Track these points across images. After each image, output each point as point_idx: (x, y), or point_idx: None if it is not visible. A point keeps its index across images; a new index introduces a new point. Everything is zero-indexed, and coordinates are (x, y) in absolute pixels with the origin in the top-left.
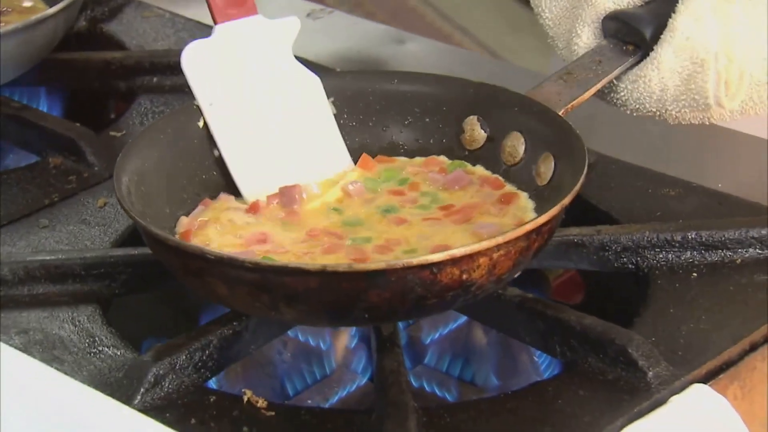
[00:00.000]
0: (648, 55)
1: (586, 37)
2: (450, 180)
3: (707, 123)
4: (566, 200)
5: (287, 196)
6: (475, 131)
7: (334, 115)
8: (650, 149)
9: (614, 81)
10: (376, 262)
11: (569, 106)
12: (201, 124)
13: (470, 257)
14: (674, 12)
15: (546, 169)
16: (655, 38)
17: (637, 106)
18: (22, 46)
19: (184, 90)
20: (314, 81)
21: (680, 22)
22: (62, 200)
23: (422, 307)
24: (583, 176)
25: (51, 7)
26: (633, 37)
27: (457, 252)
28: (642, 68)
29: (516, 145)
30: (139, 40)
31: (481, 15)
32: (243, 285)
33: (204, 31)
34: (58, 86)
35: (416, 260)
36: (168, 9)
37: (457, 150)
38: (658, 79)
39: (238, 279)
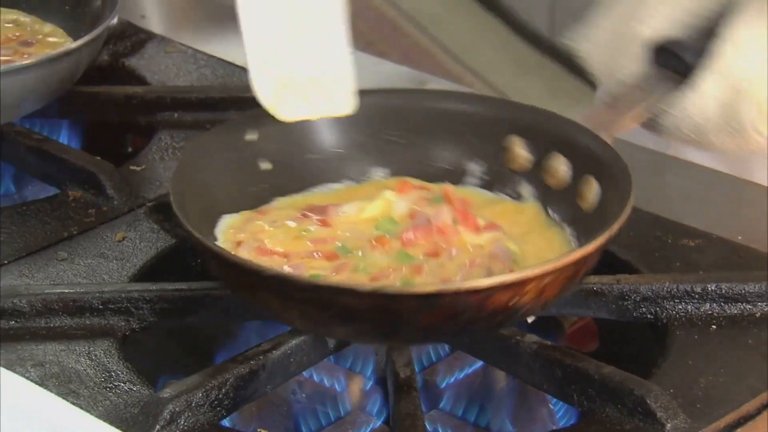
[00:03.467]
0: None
1: (634, 66)
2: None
3: (747, 151)
4: (614, 228)
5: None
6: (516, 151)
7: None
8: (670, 199)
9: (658, 108)
10: (431, 284)
11: (612, 130)
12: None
13: (521, 283)
14: (717, 40)
15: (589, 193)
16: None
17: (677, 133)
18: (45, 78)
19: (204, 126)
20: None
21: (722, 50)
22: (81, 233)
23: (470, 329)
24: (629, 205)
25: (75, 40)
26: (679, 65)
27: (508, 278)
28: (682, 95)
29: (558, 167)
30: (160, 75)
31: (490, 57)
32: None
33: (226, 68)
34: (78, 119)
35: (467, 285)
36: (190, 45)
37: (498, 170)
38: (699, 105)
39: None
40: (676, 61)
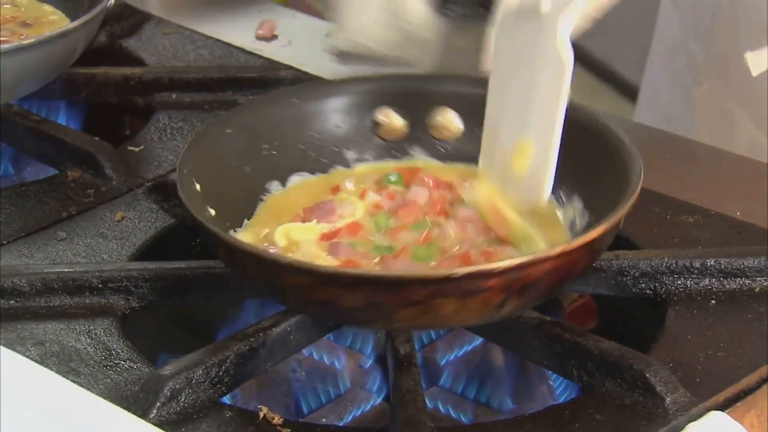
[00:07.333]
0: None
1: None
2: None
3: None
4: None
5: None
6: (392, 120)
7: None
8: (669, 176)
9: None
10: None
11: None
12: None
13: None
14: None
15: (446, 121)
16: None
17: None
18: (43, 59)
19: (202, 107)
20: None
21: None
22: (80, 213)
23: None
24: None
25: (73, 21)
26: None
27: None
28: None
29: (450, 119)
30: (158, 56)
31: None
32: (482, 293)
33: (223, 49)
34: (77, 100)
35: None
36: (188, 26)
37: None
38: None
39: (478, 289)
40: None
